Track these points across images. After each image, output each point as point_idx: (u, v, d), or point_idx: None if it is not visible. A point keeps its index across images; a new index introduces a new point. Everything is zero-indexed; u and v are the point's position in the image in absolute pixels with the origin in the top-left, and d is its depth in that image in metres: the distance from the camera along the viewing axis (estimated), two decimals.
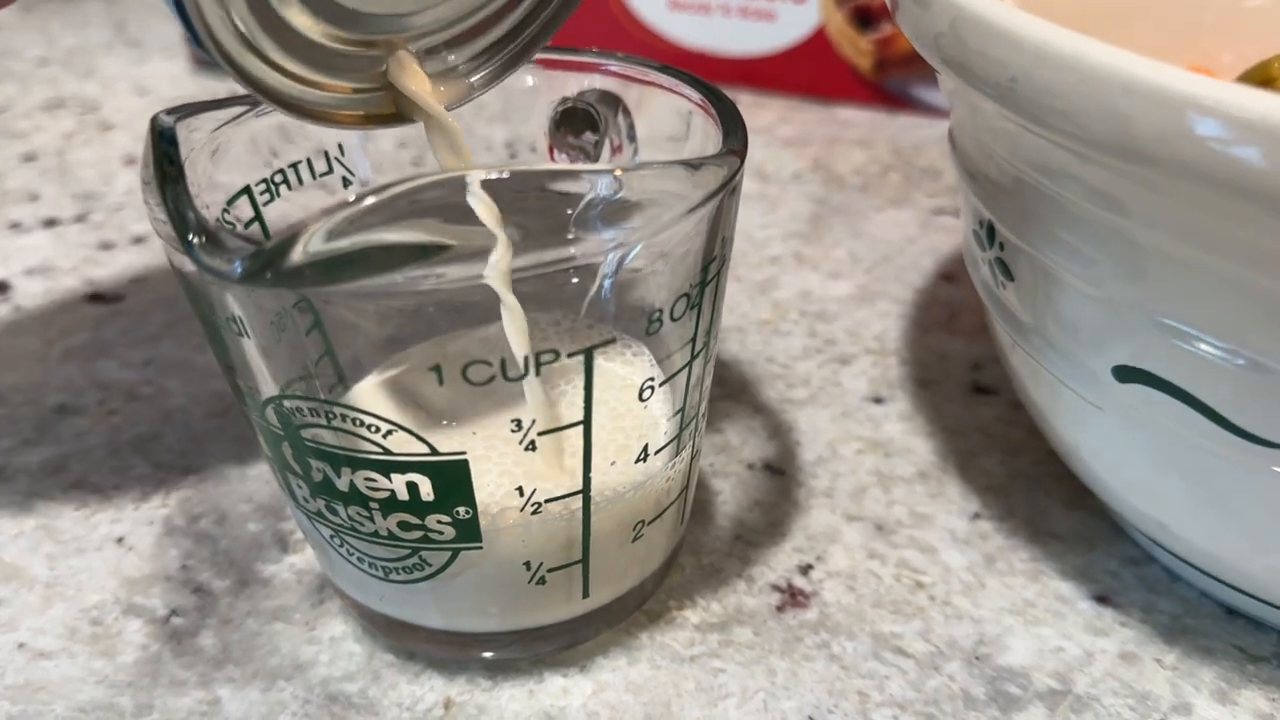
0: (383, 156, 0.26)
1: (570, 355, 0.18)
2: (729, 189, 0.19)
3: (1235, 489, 0.20)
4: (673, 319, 0.20)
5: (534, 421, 0.19)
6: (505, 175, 0.17)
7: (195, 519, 0.27)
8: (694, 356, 0.21)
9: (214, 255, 0.16)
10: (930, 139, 0.46)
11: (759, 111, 0.49)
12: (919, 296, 0.35)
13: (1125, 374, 0.20)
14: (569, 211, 0.22)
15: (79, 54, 0.57)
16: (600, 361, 0.18)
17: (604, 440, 0.20)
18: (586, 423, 0.19)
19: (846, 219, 0.40)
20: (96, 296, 0.36)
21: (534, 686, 0.23)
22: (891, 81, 0.48)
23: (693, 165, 0.18)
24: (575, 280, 0.18)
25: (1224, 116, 0.15)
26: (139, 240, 0.39)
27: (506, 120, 0.26)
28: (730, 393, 0.31)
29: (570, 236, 0.17)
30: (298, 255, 0.16)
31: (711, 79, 0.22)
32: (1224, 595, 0.24)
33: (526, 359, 0.18)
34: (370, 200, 0.16)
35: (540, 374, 0.18)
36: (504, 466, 0.19)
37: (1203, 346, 0.18)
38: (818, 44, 0.48)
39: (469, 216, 0.20)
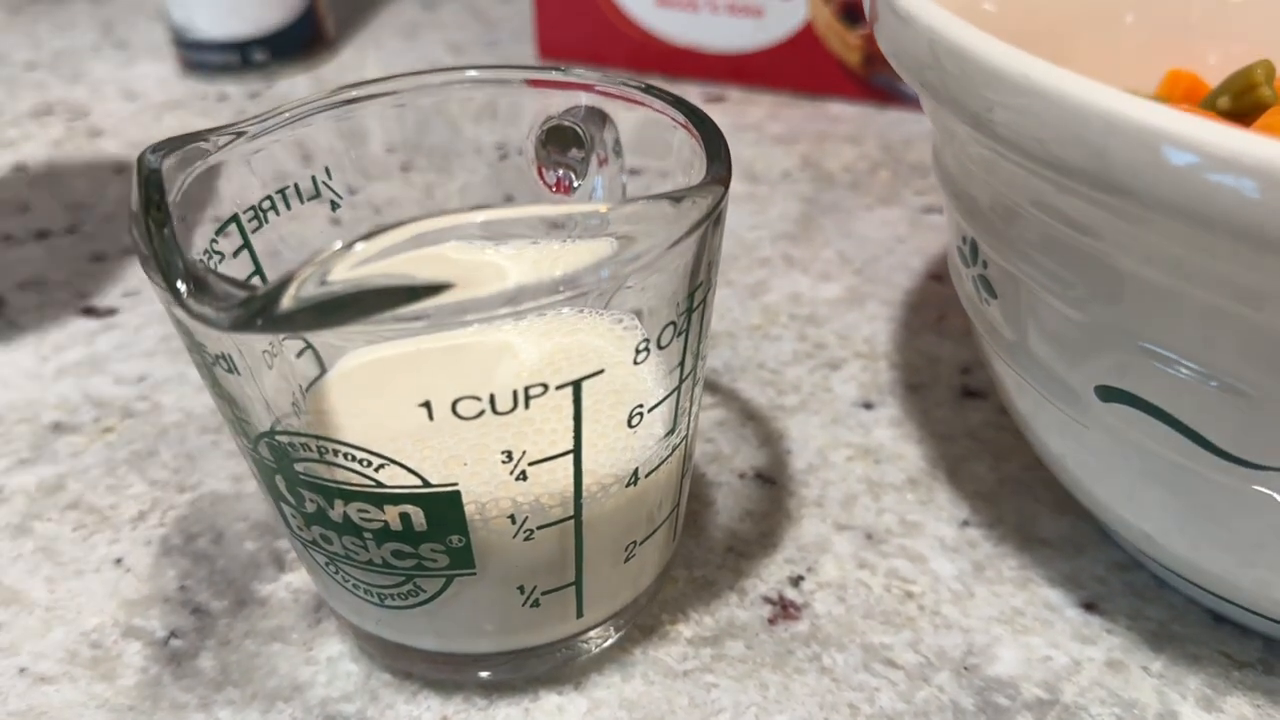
0: (370, 162, 0.26)
1: (559, 388, 0.18)
2: (713, 218, 0.19)
3: (1218, 505, 0.20)
4: (660, 347, 0.20)
5: (524, 452, 0.19)
6: (495, 220, 0.17)
7: (192, 538, 0.27)
8: (682, 380, 0.21)
9: (203, 303, 0.16)
10: (919, 134, 0.46)
11: (748, 108, 0.49)
12: (908, 298, 0.36)
13: (1107, 393, 0.20)
14: (556, 247, 0.22)
15: (66, 57, 0.56)
16: (588, 392, 0.19)
17: (594, 467, 0.20)
18: (576, 452, 0.19)
19: (836, 218, 0.40)
20: (89, 310, 0.36)
21: (529, 705, 0.23)
22: (880, 76, 0.48)
23: (676, 199, 0.18)
24: (563, 313, 0.18)
25: (1201, 152, 0.15)
26: (130, 252, 0.39)
27: (495, 120, 0.26)
28: (722, 400, 0.31)
29: (558, 274, 0.17)
30: (288, 302, 0.16)
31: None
32: (1210, 601, 0.24)
33: (515, 392, 0.18)
34: (360, 246, 0.16)
35: (529, 407, 0.18)
36: (495, 495, 0.19)
37: (1182, 369, 0.18)
38: (806, 39, 0.48)
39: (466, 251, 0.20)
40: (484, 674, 0.23)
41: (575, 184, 0.26)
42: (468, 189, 0.27)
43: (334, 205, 0.25)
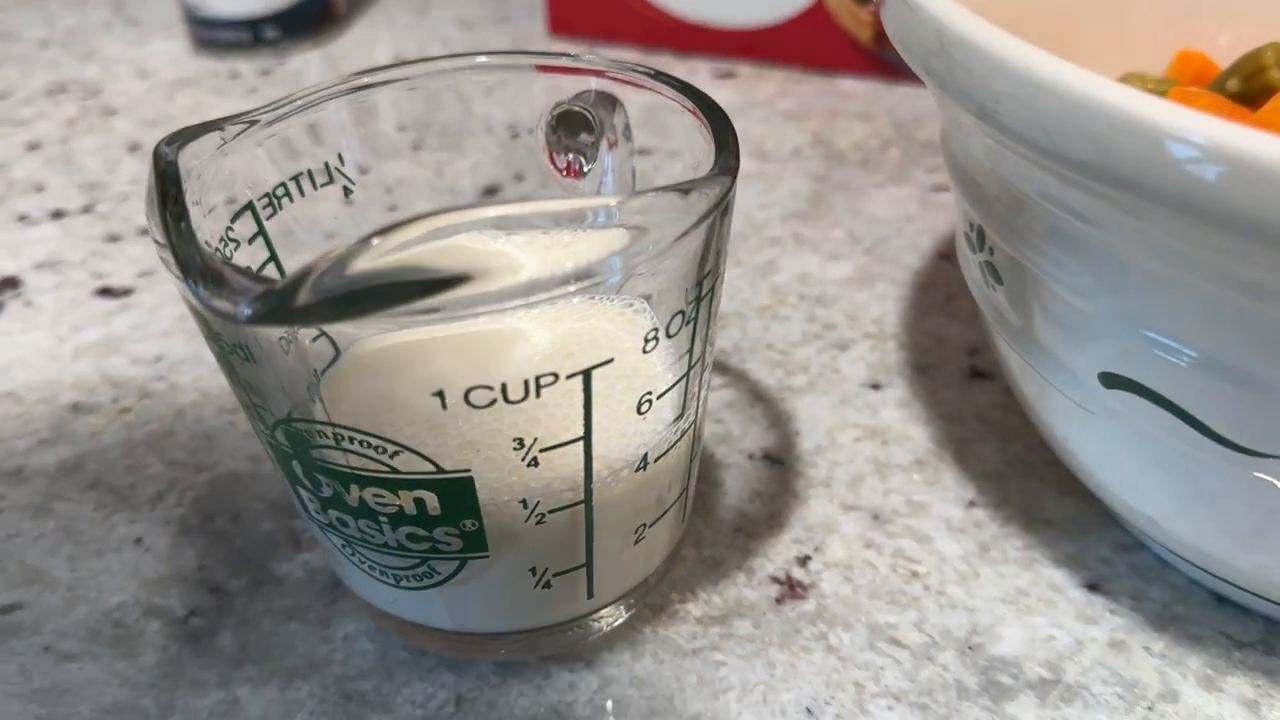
0: (381, 140, 0.26)
1: (569, 377, 0.19)
2: (721, 208, 0.19)
3: (1220, 491, 0.20)
4: (668, 335, 0.20)
5: (536, 439, 0.19)
6: (508, 215, 0.17)
7: (210, 518, 0.28)
8: (691, 366, 0.21)
9: (220, 298, 0.16)
10: (929, 111, 0.46)
11: (760, 84, 0.49)
12: (917, 278, 0.36)
13: (1110, 380, 0.20)
14: (566, 237, 0.23)
15: (79, 34, 0.57)
16: (598, 380, 0.19)
17: (604, 452, 0.20)
18: (587, 438, 0.20)
19: (846, 196, 0.40)
20: (106, 290, 0.37)
21: (541, 682, 0.24)
22: (891, 52, 0.48)
23: (684, 190, 0.18)
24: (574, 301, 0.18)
25: (1204, 148, 0.15)
26: (145, 231, 0.40)
27: (506, 97, 0.26)
28: (731, 381, 0.32)
29: (570, 267, 0.17)
30: (305, 296, 0.16)
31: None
32: (1213, 583, 0.24)
33: (526, 381, 0.18)
34: (375, 241, 0.16)
35: (541, 395, 0.18)
36: (509, 480, 0.20)
37: (1184, 358, 0.19)
38: (817, 15, 0.48)
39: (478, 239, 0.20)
40: (497, 652, 0.24)
41: (585, 168, 0.26)
42: (479, 168, 0.28)
43: (347, 191, 0.25)
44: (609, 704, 0.23)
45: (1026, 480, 0.28)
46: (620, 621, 0.24)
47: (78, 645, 0.25)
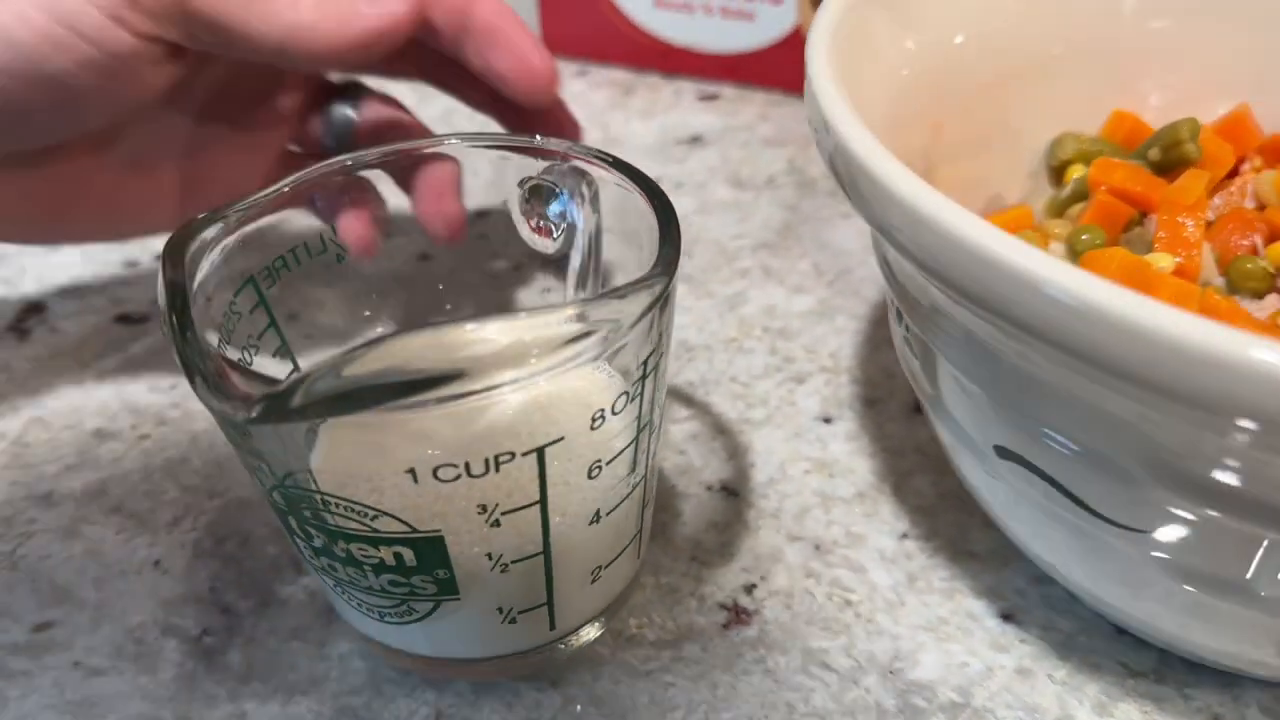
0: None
1: (525, 454, 0.22)
2: (660, 302, 0.22)
3: (1104, 552, 0.23)
4: (614, 413, 0.23)
5: (498, 504, 0.22)
6: (480, 325, 0.20)
7: (221, 542, 0.31)
8: (639, 431, 0.24)
9: (222, 400, 0.19)
10: None
11: (742, 106, 0.51)
12: (874, 311, 0.38)
13: (1004, 453, 0.23)
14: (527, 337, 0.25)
15: None
16: (550, 455, 0.22)
17: (560, 509, 0.23)
18: (543, 502, 0.23)
19: (814, 227, 0.43)
20: (124, 317, 0.40)
21: (512, 700, 0.27)
22: None
23: (622, 295, 0.21)
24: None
25: (1063, 296, 0.17)
26: (160, 257, 0.43)
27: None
28: (695, 414, 0.35)
29: (535, 364, 0.20)
30: (299, 399, 0.19)
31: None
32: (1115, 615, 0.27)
33: (487, 459, 0.21)
34: (365, 353, 0.19)
35: (500, 470, 0.21)
36: (475, 537, 0.23)
37: (1066, 448, 0.21)
38: (796, 42, 0.50)
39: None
40: (472, 674, 0.27)
41: (555, 234, 0.29)
42: (470, 192, 0.30)
43: (339, 258, 0.28)
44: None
45: (956, 514, 0.31)
46: (582, 645, 0.27)
47: (104, 661, 0.28)
